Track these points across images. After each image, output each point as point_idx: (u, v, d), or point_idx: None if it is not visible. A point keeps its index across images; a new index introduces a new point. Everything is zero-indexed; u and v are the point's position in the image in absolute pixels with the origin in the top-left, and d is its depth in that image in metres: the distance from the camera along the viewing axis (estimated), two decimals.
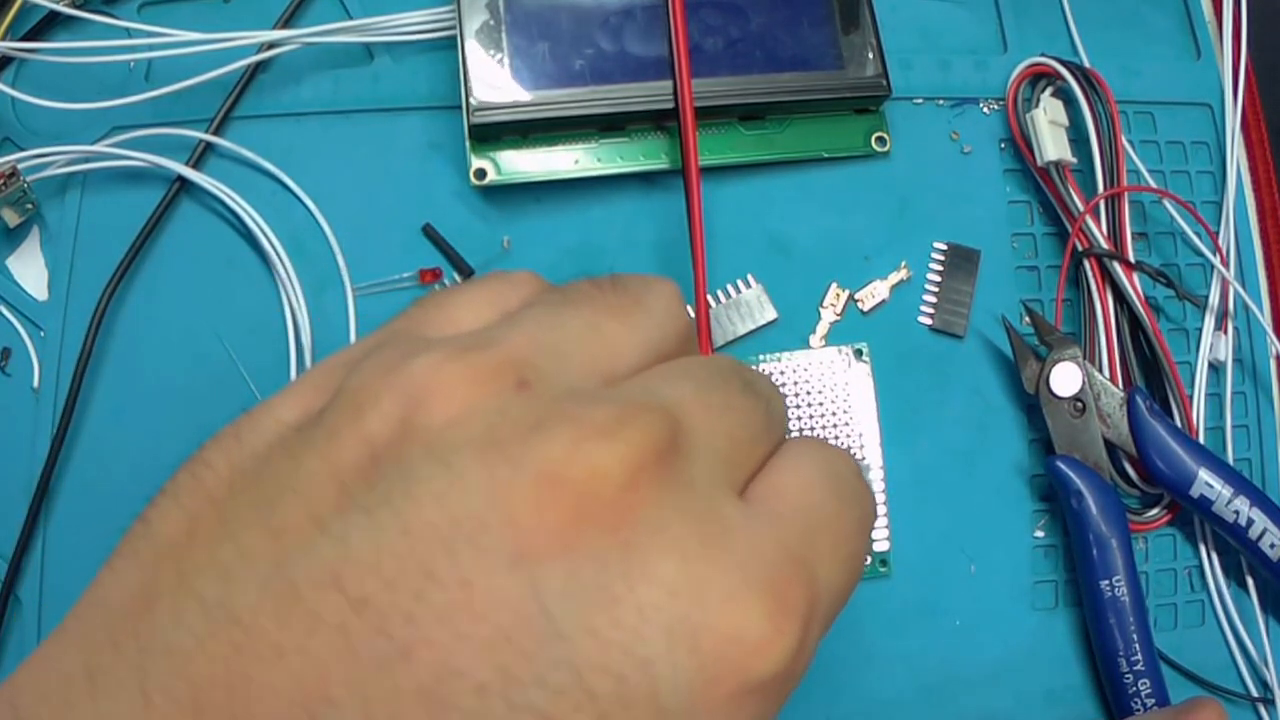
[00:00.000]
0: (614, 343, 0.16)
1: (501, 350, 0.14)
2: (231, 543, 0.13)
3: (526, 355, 0.14)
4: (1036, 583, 0.31)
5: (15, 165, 0.28)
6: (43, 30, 0.31)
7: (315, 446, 0.13)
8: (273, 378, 0.29)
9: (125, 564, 0.14)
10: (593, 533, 0.13)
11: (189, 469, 0.14)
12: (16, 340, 0.29)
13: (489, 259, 0.30)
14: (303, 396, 0.16)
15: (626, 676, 0.12)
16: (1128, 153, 0.32)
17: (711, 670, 0.13)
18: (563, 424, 0.13)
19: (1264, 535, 0.29)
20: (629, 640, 0.12)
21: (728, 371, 0.16)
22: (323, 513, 0.13)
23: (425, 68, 0.32)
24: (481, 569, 0.12)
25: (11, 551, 0.28)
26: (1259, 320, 0.32)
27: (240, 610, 0.12)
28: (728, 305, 0.30)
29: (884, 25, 0.31)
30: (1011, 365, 0.31)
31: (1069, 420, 0.30)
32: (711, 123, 0.31)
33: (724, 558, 0.13)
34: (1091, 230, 0.31)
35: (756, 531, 0.14)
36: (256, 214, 0.30)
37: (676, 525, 0.13)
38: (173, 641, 0.12)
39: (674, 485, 0.13)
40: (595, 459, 0.13)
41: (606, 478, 0.13)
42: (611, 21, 0.30)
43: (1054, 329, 0.30)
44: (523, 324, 0.15)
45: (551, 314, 0.16)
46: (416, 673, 0.12)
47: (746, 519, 0.14)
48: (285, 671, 0.12)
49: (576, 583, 0.12)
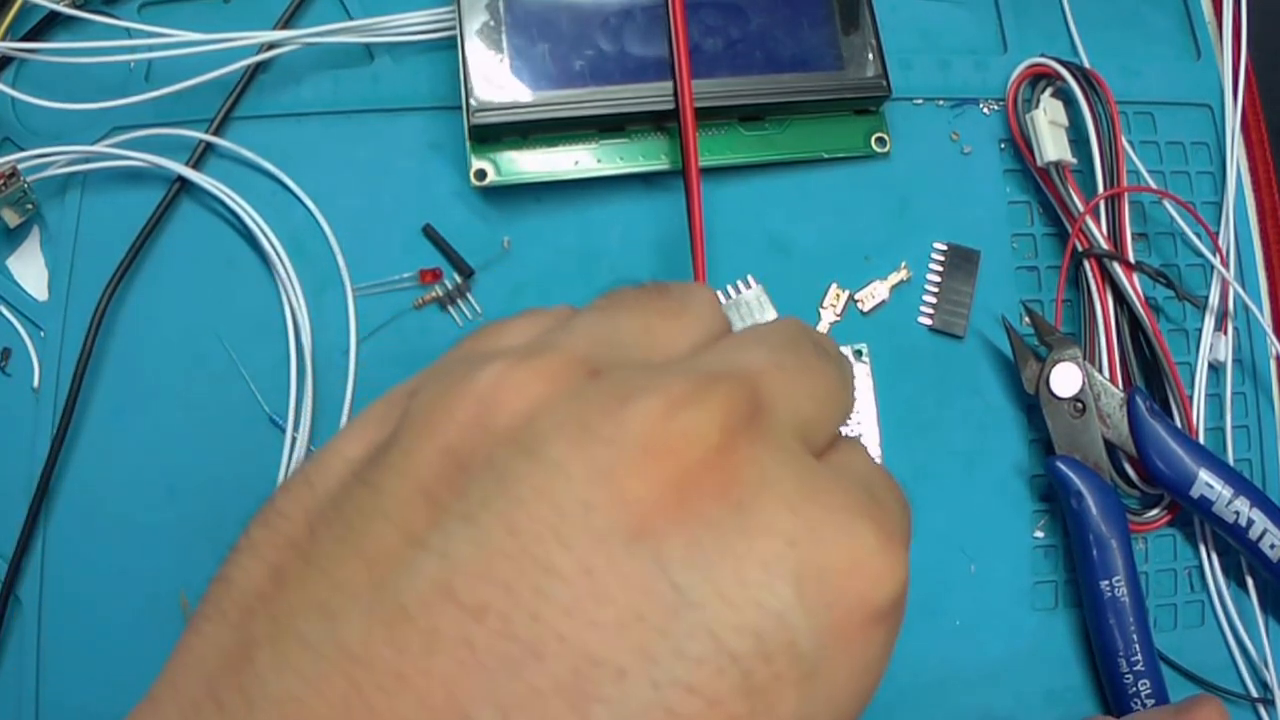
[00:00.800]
0: (668, 338, 0.16)
1: (564, 349, 0.14)
2: (325, 579, 0.12)
3: (590, 350, 0.14)
4: (1036, 583, 0.31)
5: (15, 165, 0.28)
6: (43, 30, 0.31)
7: (394, 467, 0.13)
8: (273, 378, 0.29)
9: (211, 625, 0.13)
10: (702, 497, 0.13)
11: (261, 521, 0.14)
12: (16, 340, 0.29)
13: (489, 259, 0.30)
14: (365, 430, 0.15)
15: (763, 631, 0.12)
16: (1128, 153, 0.32)
17: (841, 606, 0.13)
18: (648, 395, 0.13)
19: (1264, 536, 0.29)
20: (760, 595, 0.12)
21: (799, 335, 0.17)
22: (417, 530, 0.12)
23: (425, 68, 0.32)
24: (600, 553, 0.12)
25: (11, 551, 0.28)
26: (1259, 320, 0.32)
27: (351, 643, 0.11)
28: (728, 305, 0.30)
29: (884, 25, 0.31)
30: (1011, 365, 0.31)
31: (1069, 420, 0.30)
32: (711, 123, 0.31)
33: (829, 499, 0.14)
34: (1091, 230, 0.31)
35: (843, 478, 0.14)
36: (256, 214, 0.30)
37: (779, 478, 0.13)
38: (282, 689, 0.11)
39: (766, 442, 0.14)
40: (689, 425, 0.13)
41: (704, 441, 0.13)
42: (612, 22, 0.30)
43: (1054, 329, 0.30)
44: (578, 328, 0.15)
45: (605, 317, 0.16)
46: (552, 670, 0.11)
47: (831, 469, 0.15)
48: (411, 697, 0.11)
49: (698, 549, 0.12)
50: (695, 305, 0.17)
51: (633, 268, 0.31)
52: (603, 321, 0.16)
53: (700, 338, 0.16)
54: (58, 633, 0.28)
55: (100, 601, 0.28)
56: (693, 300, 0.17)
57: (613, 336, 0.15)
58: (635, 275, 0.31)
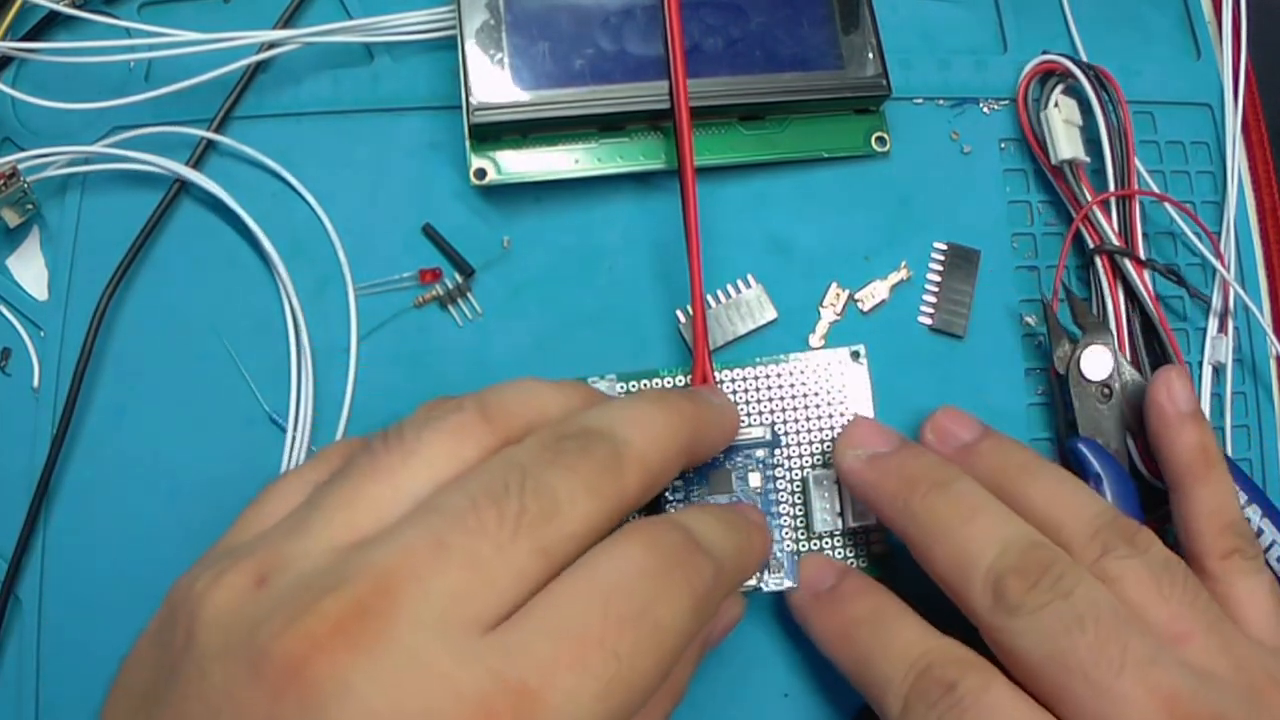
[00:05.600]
0: (370, 512, 0.18)
1: (255, 557, 0.17)
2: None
3: (276, 553, 0.17)
4: None
5: (15, 165, 0.28)
6: (43, 30, 0.31)
7: (127, 667, 0.19)
8: (273, 378, 0.29)
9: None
10: (287, 707, 0.15)
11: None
12: (16, 340, 0.29)
13: (489, 259, 0.30)
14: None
15: None
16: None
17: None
18: (274, 618, 0.16)
19: (1271, 548, 0.28)
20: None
21: (503, 486, 0.18)
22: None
23: (425, 68, 0.32)
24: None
25: (11, 551, 0.28)
26: (1259, 320, 0.32)
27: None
28: (728, 305, 0.30)
29: (884, 25, 0.31)
30: (1011, 365, 0.31)
31: (1095, 405, 0.29)
32: (711, 123, 0.31)
33: (413, 707, 0.15)
34: (1103, 227, 0.31)
35: (469, 671, 0.15)
36: (256, 214, 0.30)
37: (362, 686, 0.15)
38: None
39: (367, 648, 0.15)
40: (284, 641, 0.15)
41: (292, 655, 0.15)
42: (611, 21, 0.30)
43: (1090, 313, 0.30)
44: (286, 523, 0.18)
45: (321, 500, 0.18)
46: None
47: (461, 659, 0.15)
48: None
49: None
50: (417, 458, 0.18)
51: (632, 267, 0.31)
52: (311, 513, 0.18)
53: (421, 490, 0.18)
54: (58, 633, 0.28)
55: (100, 601, 0.28)
56: (417, 450, 0.19)
57: (309, 523, 0.18)
58: (635, 274, 0.31)
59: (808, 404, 0.29)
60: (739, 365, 0.29)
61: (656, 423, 0.20)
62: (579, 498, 0.18)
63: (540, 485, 0.17)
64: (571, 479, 0.18)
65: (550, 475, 0.18)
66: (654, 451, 0.20)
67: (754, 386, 0.29)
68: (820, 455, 0.29)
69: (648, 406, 0.21)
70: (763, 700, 0.28)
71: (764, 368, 0.29)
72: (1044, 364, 0.31)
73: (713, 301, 0.30)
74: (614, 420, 0.20)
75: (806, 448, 0.29)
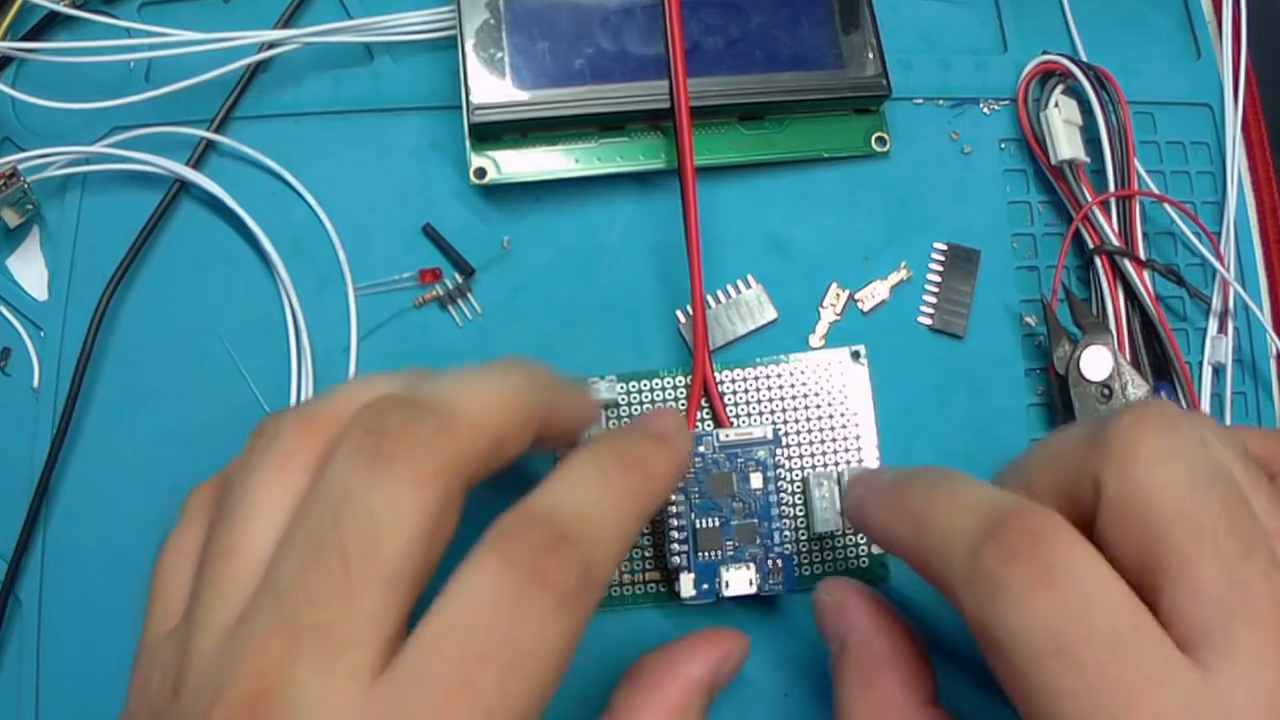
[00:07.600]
0: (231, 588, 0.18)
1: (170, 665, 0.18)
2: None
3: (182, 669, 0.18)
4: None
5: (15, 165, 0.28)
6: (43, 30, 0.31)
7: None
8: (273, 378, 0.29)
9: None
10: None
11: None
12: (16, 340, 0.29)
13: (489, 258, 0.30)
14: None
15: None
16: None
17: None
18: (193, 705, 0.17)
19: None
20: None
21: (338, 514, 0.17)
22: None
23: (425, 68, 0.32)
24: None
25: (11, 551, 0.28)
26: (1259, 320, 0.32)
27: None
28: (728, 305, 0.30)
29: (884, 25, 0.31)
30: (1011, 365, 0.31)
31: (1095, 405, 0.29)
32: (711, 122, 0.31)
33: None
34: (1103, 227, 0.31)
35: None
36: (256, 214, 0.30)
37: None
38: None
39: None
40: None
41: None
42: (611, 21, 0.30)
43: (1090, 314, 0.30)
44: (180, 627, 0.19)
45: (191, 601, 0.19)
46: None
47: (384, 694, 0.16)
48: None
49: None
50: (254, 522, 0.18)
51: (632, 266, 0.31)
52: (195, 606, 0.18)
53: (267, 551, 0.18)
54: (58, 633, 0.28)
55: (100, 601, 0.28)
56: (250, 514, 0.18)
57: (195, 617, 0.18)
58: (635, 274, 0.31)
59: (808, 404, 0.29)
60: (739, 365, 0.29)
61: (488, 385, 0.19)
62: (404, 503, 0.17)
63: (357, 512, 0.16)
64: (390, 485, 0.17)
65: (367, 493, 0.17)
66: (488, 412, 0.18)
67: (754, 387, 0.29)
68: (820, 455, 0.29)
69: (475, 372, 0.19)
70: (763, 700, 0.28)
71: (764, 368, 0.29)
72: (1044, 364, 0.31)
73: (713, 302, 0.30)
74: (437, 390, 0.18)
75: (806, 448, 0.29)
